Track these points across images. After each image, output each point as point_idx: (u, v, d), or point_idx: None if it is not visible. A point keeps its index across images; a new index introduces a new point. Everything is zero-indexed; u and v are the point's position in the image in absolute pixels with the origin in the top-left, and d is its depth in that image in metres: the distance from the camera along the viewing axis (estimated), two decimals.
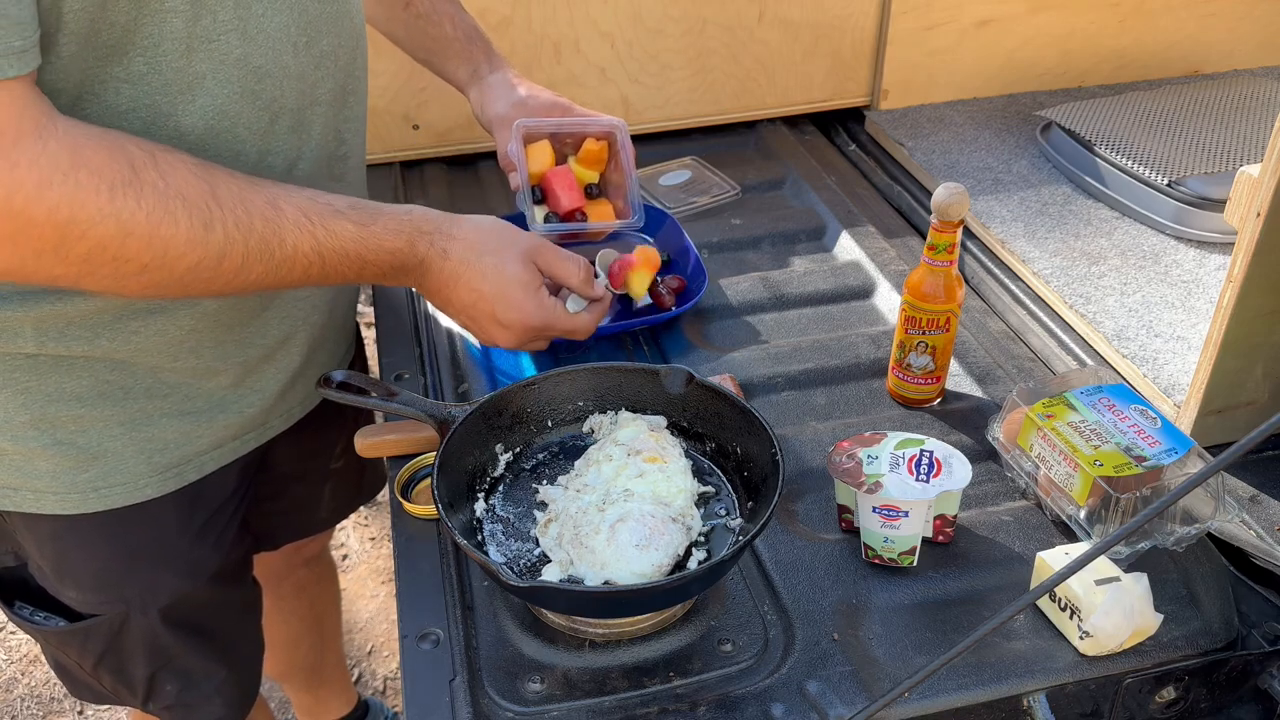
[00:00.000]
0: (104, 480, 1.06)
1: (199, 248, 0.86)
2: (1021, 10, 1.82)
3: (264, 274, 0.91)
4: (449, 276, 1.04)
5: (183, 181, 0.85)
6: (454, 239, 1.04)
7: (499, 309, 1.07)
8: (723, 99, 1.84)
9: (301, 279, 0.95)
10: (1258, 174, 1.02)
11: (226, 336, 1.06)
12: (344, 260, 0.96)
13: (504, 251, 1.06)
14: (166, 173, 0.84)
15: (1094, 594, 0.94)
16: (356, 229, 0.96)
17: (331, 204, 0.96)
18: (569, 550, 0.99)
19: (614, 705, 0.93)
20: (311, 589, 1.71)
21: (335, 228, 0.95)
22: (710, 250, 1.56)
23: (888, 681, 0.94)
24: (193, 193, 0.85)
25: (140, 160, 0.83)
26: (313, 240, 0.93)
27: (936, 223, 1.15)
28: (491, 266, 1.05)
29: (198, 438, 1.10)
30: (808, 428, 1.23)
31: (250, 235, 0.89)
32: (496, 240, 1.07)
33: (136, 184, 0.82)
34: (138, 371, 1.02)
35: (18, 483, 1.05)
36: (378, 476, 1.55)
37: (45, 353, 0.97)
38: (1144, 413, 1.09)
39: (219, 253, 0.87)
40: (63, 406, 1.01)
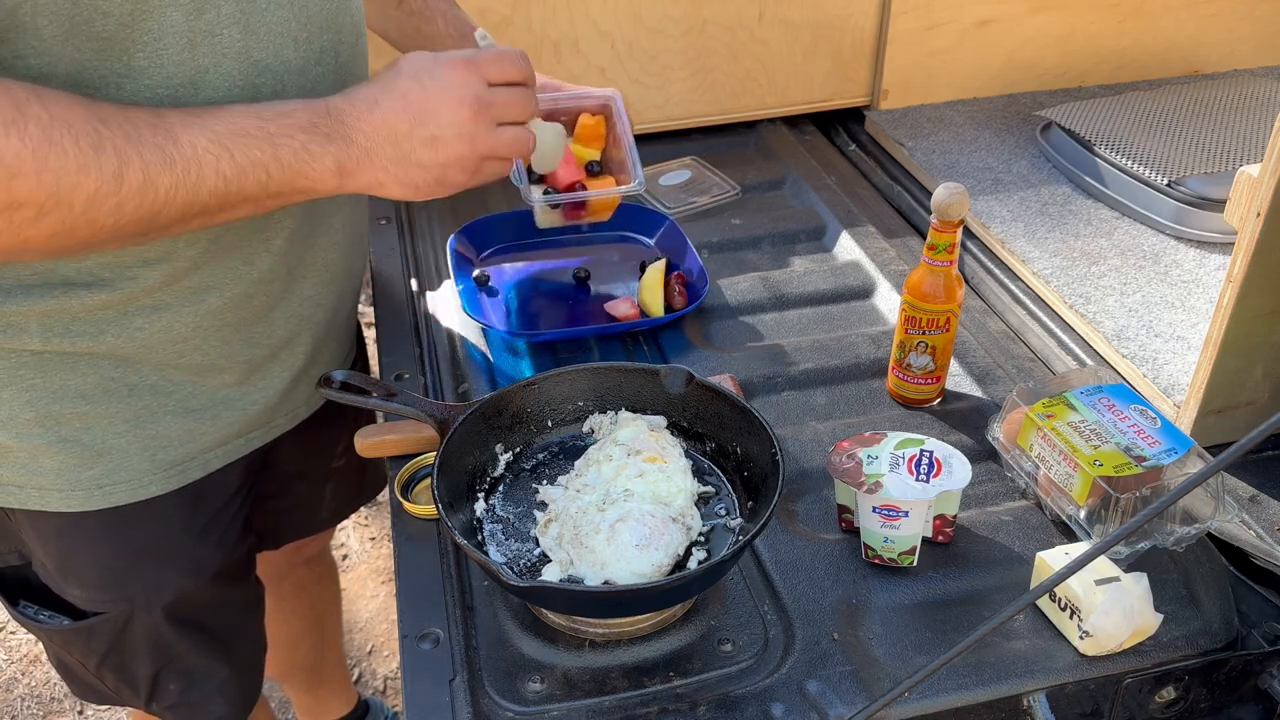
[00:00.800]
0: (108, 478, 1.06)
1: (93, 171, 0.80)
2: (1021, 10, 1.82)
3: (172, 185, 0.85)
4: (366, 101, 0.93)
5: (65, 110, 0.80)
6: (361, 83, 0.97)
7: (439, 91, 0.93)
8: (723, 99, 1.84)
9: (215, 183, 0.87)
10: (1258, 174, 1.02)
11: (232, 335, 1.06)
12: (248, 140, 0.88)
13: (405, 58, 0.97)
14: (50, 105, 0.79)
15: (1094, 594, 0.94)
16: (245, 106, 0.90)
17: (211, 106, 0.91)
18: (569, 550, 0.99)
19: (614, 705, 0.93)
20: (312, 588, 1.71)
21: (222, 113, 0.88)
22: (710, 250, 1.56)
23: (888, 681, 0.94)
24: (76, 118, 0.81)
25: (24, 97, 0.78)
26: (206, 131, 0.86)
27: (936, 223, 1.15)
28: (407, 65, 0.95)
29: (202, 435, 1.10)
30: (808, 428, 1.23)
31: (142, 145, 0.83)
32: (396, 60, 0.98)
33: (20, 121, 0.78)
34: (143, 369, 1.02)
35: (23, 480, 1.05)
36: (378, 476, 1.54)
37: (50, 349, 0.97)
38: (1144, 413, 1.09)
39: (115, 172, 0.82)
40: (68, 404, 1.00)
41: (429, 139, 0.92)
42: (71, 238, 0.83)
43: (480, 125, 0.94)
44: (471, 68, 0.93)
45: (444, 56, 0.94)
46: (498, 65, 0.95)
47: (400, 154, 0.93)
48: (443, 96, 0.92)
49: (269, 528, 1.39)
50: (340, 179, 0.93)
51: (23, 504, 1.06)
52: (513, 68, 0.96)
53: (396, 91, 0.92)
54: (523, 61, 0.97)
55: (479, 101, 0.93)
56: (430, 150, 0.93)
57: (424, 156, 0.93)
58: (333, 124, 0.91)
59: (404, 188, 0.95)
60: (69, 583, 1.14)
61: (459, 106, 0.92)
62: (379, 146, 0.92)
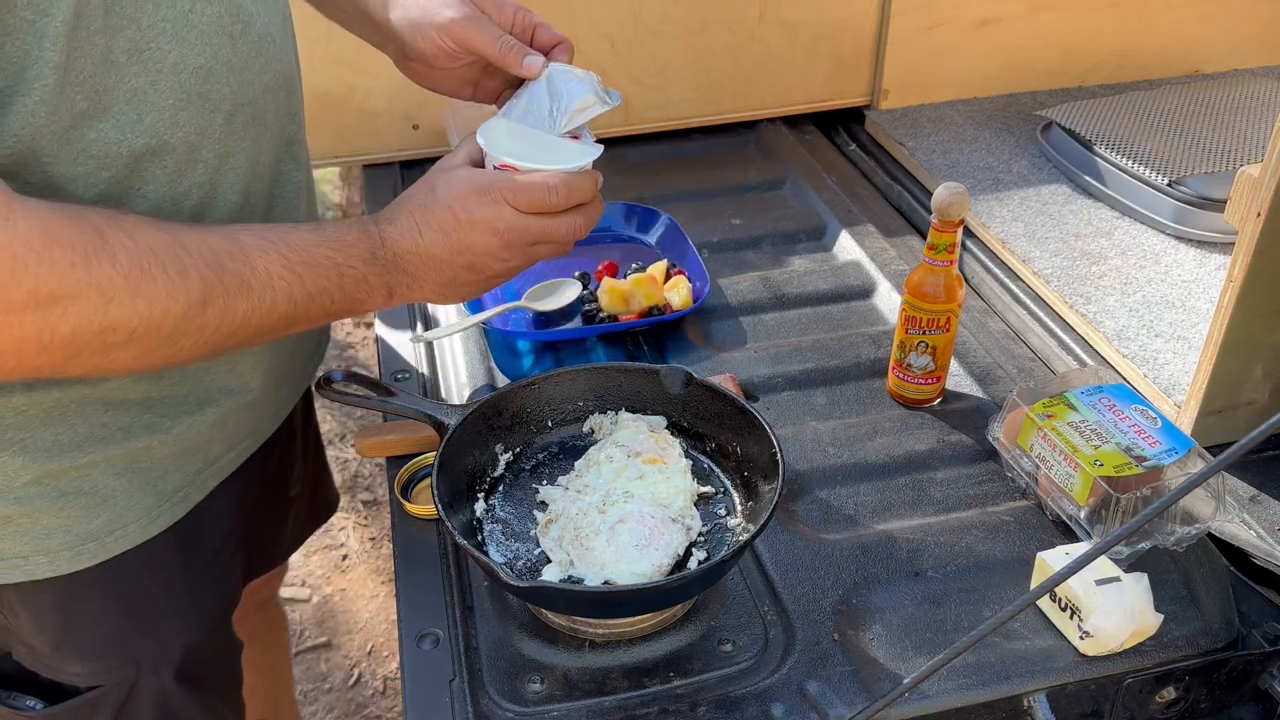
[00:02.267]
0: (117, 522, 1.02)
1: (181, 298, 0.82)
2: (1022, 10, 1.82)
3: (249, 311, 0.87)
4: (411, 232, 0.96)
5: (149, 237, 0.82)
6: (393, 206, 0.99)
7: (471, 225, 0.95)
8: (723, 99, 1.84)
9: (286, 310, 0.90)
10: (1258, 174, 1.02)
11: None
12: (317, 270, 0.91)
13: (439, 176, 0.98)
14: (132, 232, 0.81)
15: (1094, 594, 0.94)
16: (313, 233, 0.93)
17: (279, 225, 0.93)
18: (569, 551, 0.99)
19: (614, 705, 0.93)
20: (264, 637, 1.66)
21: (294, 240, 0.91)
22: (710, 250, 1.56)
23: (888, 681, 0.94)
24: (160, 245, 0.82)
25: (104, 225, 0.80)
26: (281, 259, 0.89)
27: (937, 223, 1.15)
28: (442, 194, 0.96)
29: (196, 456, 1.07)
30: (808, 428, 1.23)
31: (223, 272, 0.85)
32: (430, 178, 0.99)
33: (108, 249, 0.79)
34: (131, 408, 0.99)
35: (27, 549, 1.00)
36: (330, 499, 1.53)
37: (35, 405, 0.94)
38: (1144, 413, 1.09)
39: (200, 297, 0.84)
40: (64, 458, 0.97)
41: (468, 265, 0.97)
42: (153, 358, 0.85)
43: (513, 251, 0.97)
44: (501, 201, 0.95)
45: (480, 182, 0.96)
46: (529, 197, 0.95)
47: (444, 279, 0.97)
48: (475, 229, 0.95)
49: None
50: (389, 300, 0.98)
51: (30, 575, 1.01)
52: (548, 200, 0.96)
53: (435, 223, 0.95)
54: (560, 193, 0.95)
55: (510, 233, 0.96)
56: (470, 273, 0.98)
57: (464, 277, 0.98)
58: (388, 255, 0.95)
59: (448, 299, 1.01)
60: (66, 659, 1.08)
61: (491, 236, 0.95)
62: (425, 273, 0.97)
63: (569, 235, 0.99)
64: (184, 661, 1.13)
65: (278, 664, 1.77)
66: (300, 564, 2.54)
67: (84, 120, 0.84)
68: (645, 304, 1.37)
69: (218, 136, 0.94)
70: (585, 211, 0.99)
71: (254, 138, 0.99)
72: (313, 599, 2.48)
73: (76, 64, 0.81)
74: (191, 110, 0.91)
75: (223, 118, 0.94)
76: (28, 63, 0.78)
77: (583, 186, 0.97)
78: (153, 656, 1.11)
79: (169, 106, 0.89)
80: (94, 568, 1.03)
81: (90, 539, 1.01)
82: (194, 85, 0.90)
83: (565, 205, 0.96)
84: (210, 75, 0.92)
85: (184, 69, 0.89)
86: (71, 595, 1.04)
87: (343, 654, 2.37)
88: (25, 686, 1.11)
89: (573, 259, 1.51)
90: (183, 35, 0.89)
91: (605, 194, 1.69)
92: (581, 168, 0.97)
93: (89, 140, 0.85)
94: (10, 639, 1.09)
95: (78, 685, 1.10)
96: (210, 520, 1.12)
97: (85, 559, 1.02)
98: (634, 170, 1.78)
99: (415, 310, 1.45)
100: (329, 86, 1.66)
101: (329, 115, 1.68)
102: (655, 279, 1.39)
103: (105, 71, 0.84)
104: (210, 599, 1.17)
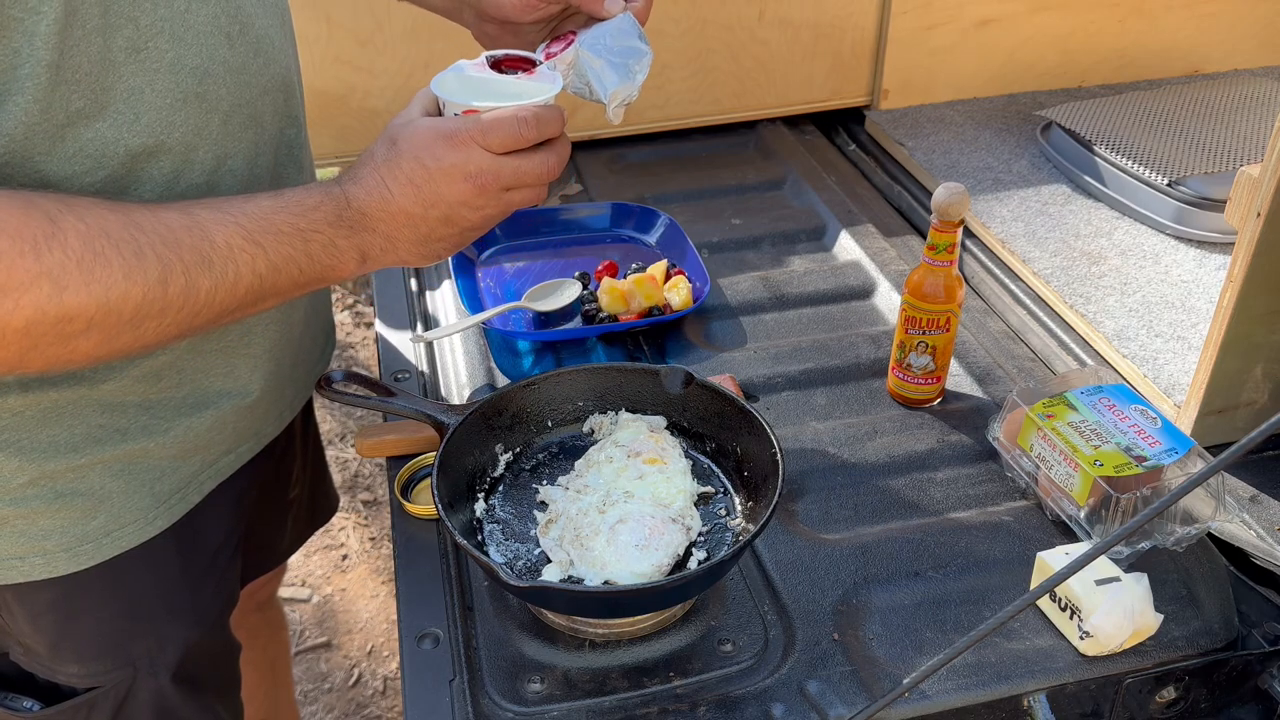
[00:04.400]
0: (114, 523, 1.02)
1: (138, 279, 0.80)
2: (1021, 10, 1.82)
3: (213, 287, 0.84)
4: (378, 188, 0.92)
5: (100, 218, 0.79)
6: (356, 165, 0.95)
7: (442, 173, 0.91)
8: (723, 99, 1.84)
9: (251, 281, 0.86)
10: (1258, 174, 1.02)
11: (214, 359, 1.03)
12: (280, 238, 0.87)
13: (399, 130, 0.95)
14: (83, 214, 0.78)
15: (1094, 594, 0.94)
16: (272, 200, 0.89)
17: (237, 197, 0.90)
18: (569, 551, 0.99)
19: (614, 705, 0.93)
20: (264, 635, 1.66)
21: (251, 209, 0.87)
22: (710, 250, 1.56)
23: (888, 681, 0.94)
24: (113, 226, 0.79)
25: (55, 210, 0.77)
26: (240, 229, 0.86)
27: (936, 223, 1.15)
28: (406, 146, 0.93)
29: (195, 458, 1.07)
30: (808, 428, 1.23)
31: (180, 248, 0.82)
32: (389, 133, 0.95)
33: (59, 234, 0.76)
34: (129, 410, 0.99)
35: (24, 550, 0.99)
36: (329, 501, 1.52)
37: (31, 406, 0.93)
38: (1144, 413, 1.09)
39: (159, 277, 0.81)
40: (60, 459, 0.96)
41: (442, 218, 0.93)
42: (117, 344, 0.82)
43: (488, 197, 0.93)
44: (470, 143, 0.91)
45: (445, 127, 0.92)
46: (500, 133, 0.91)
47: (419, 235, 0.94)
48: (446, 176, 0.91)
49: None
50: (363, 265, 0.94)
51: (27, 575, 1.00)
52: (519, 134, 0.92)
53: (403, 176, 0.92)
54: (531, 125, 0.92)
55: (484, 176, 0.92)
56: (445, 225, 0.94)
57: (440, 231, 0.94)
58: (355, 215, 0.92)
59: (425, 259, 0.97)
60: (63, 659, 1.08)
61: (463, 183, 0.92)
62: (399, 231, 0.93)
63: (542, 174, 0.94)
64: (181, 662, 1.13)
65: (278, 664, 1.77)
66: (300, 564, 2.54)
67: (80, 119, 0.83)
68: (645, 304, 1.37)
69: (215, 137, 0.94)
70: (555, 148, 0.95)
71: (252, 139, 0.98)
72: (313, 599, 2.48)
73: (71, 62, 0.80)
74: (188, 110, 0.90)
75: (220, 118, 0.94)
76: (19, 61, 0.78)
77: (551, 119, 0.93)
78: (150, 657, 1.11)
79: (166, 106, 0.88)
80: (91, 569, 1.02)
81: (87, 540, 1.01)
82: (191, 85, 0.90)
83: (537, 139, 0.93)
84: (207, 75, 0.91)
85: (181, 68, 0.89)
86: (68, 596, 1.04)
87: (343, 654, 2.37)
88: (22, 687, 1.10)
89: (573, 259, 1.52)
90: (180, 35, 0.88)
91: (605, 194, 1.71)
92: (545, 102, 0.94)
93: (85, 139, 0.84)
94: (7, 639, 1.08)
95: (75, 686, 1.09)
96: (208, 521, 1.12)
97: (82, 560, 1.01)
98: (634, 170, 1.78)
99: (415, 310, 1.45)
100: (329, 86, 1.66)
101: (329, 115, 1.68)
102: (655, 279, 1.39)
103: (103, 70, 0.83)
104: (208, 600, 1.16)
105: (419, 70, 1.68)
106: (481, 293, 1.46)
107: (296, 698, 2.03)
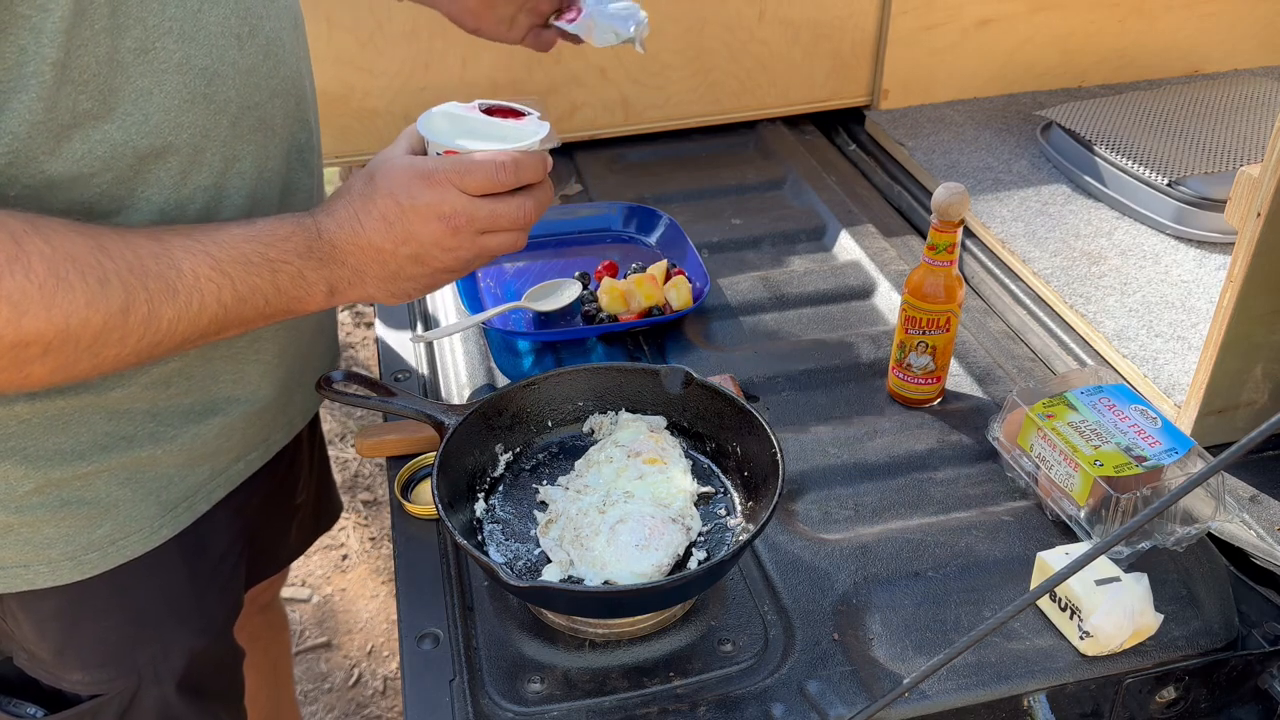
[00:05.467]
0: (120, 531, 1.01)
1: (100, 306, 0.78)
2: (1021, 10, 1.82)
3: (175, 317, 0.83)
4: (350, 222, 0.92)
5: (67, 242, 0.78)
6: (331, 198, 0.95)
7: (415, 212, 0.91)
8: (723, 99, 1.84)
9: (216, 312, 0.85)
10: (1258, 174, 1.02)
11: (222, 366, 1.03)
12: (248, 268, 0.87)
13: (379, 166, 0.95)
14: (50, 237, 0.77)
15: (1094, 594, 0.94)
16: (243, 229, 0.89)
17: (209, 224, 0.90)
18: (569, 551, 0.99)
19: (614, 705, 0.93)
20: (266, 637, 1.65)
21: (222, 237, 0.87)
22: (710, 250, 1.56)
23: (888, 681, 0.94)
24: (80, 251, 0.78)
25: (21, 231, 0.76)
26: (208, 259, 0.85)
27: (936, 223, 1.15)
28: (383, 182, 0.92)
29: (202, 468, 1.06)
30: (808, 428, 1.23)
31: (146, 276, 0.81)
32: (369, 169, 0.95)
33: (23, 257, 0.75)
34: (136, 417, 0.98)
35: (28, 558, 0.99)
36: (334, 507, 1.52)
37: (38, 413, 0.93)
38: (1144, 413, 1.09)
39: (122, 306, 0.80)
40: (66, 467, 0.96)
41: (413, 256, 0.92)
42: (74, 370, 0.82)
43: (462, 239, 0.93)
44: (447, 185, 0.91)
45: (424, 166, 0.92)
46: (478, 176, 0.91)
47: (388, 272, 0.93)
48: (419, 215, 0.91)
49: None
50: (330, 298, 0.93)
51: (31, 584, 1.00)
52: (496, 178, 0.91)
53: (376, 212, 0.91)
54: (509, 170, 0.91)
55: (458, 217, 0.91)
56: (415, 265, 0.93)
57: (410, 270, 0.94)
58: (325, 248, 0.91)
59: (394, 297, 0.96)
60: (68, 667, 1.08)
61: (436, 223, 0.91)
62: (367, 266, 0.93)
63: (519, 219, 0.94)
64: (186, 671, 1.12)
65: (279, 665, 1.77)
66: (300, 564, 2.54)
67: (87, 119, 0.83)
68: (645, 304, 1.37)
69: (223, 139, 0.93)
70: (534, 194, 0.95)
71: (261, 142, 0.98)
72: (313, 599, 2.48)
73: (78, 62, 0.80)
74: (197, 111, 0.90)
75: (229, 120, 0.93)
76: (24, 58, 0.77)
77: (531, 164, 0.93)
78: (154, 665, 1.10)
79: (174, 107, 0.88)
80: (96, 577, 1.02)
81: (92, 549, 1.00)
82: (199, 86, 0.89)
83: (514, 183, 0.93)
84: (216, 76, 0.91)
85: (190, 69, 0.88)
86: (73, 604, 1.03)
87: (343, 654, 2.37)
88: (27, 693, 1.10)
89: (573, 259, 1.52)
90: (190, 35, 0.88)
91: (605, 194, 1.71)
92: (529, 147, 0.94)
93: (93, 140, 0.84)
94: (12, 645, 1.08)
95: (79, 693, 1.09)
96: (215, 529, 1.12)
97: (87, 569, 1.01)
98: (634, 170, 1.78)
99: (415, 310, 1.45)
100: (329, 86, 1.66)
101: (329, 115, 1.68)
102: (655, 279, 1.39)
103: (111, 71, 0.83)
104: (213, 608, 1.16)
105: (419, 70, 1.68)
106: (481, 293, 1.46)
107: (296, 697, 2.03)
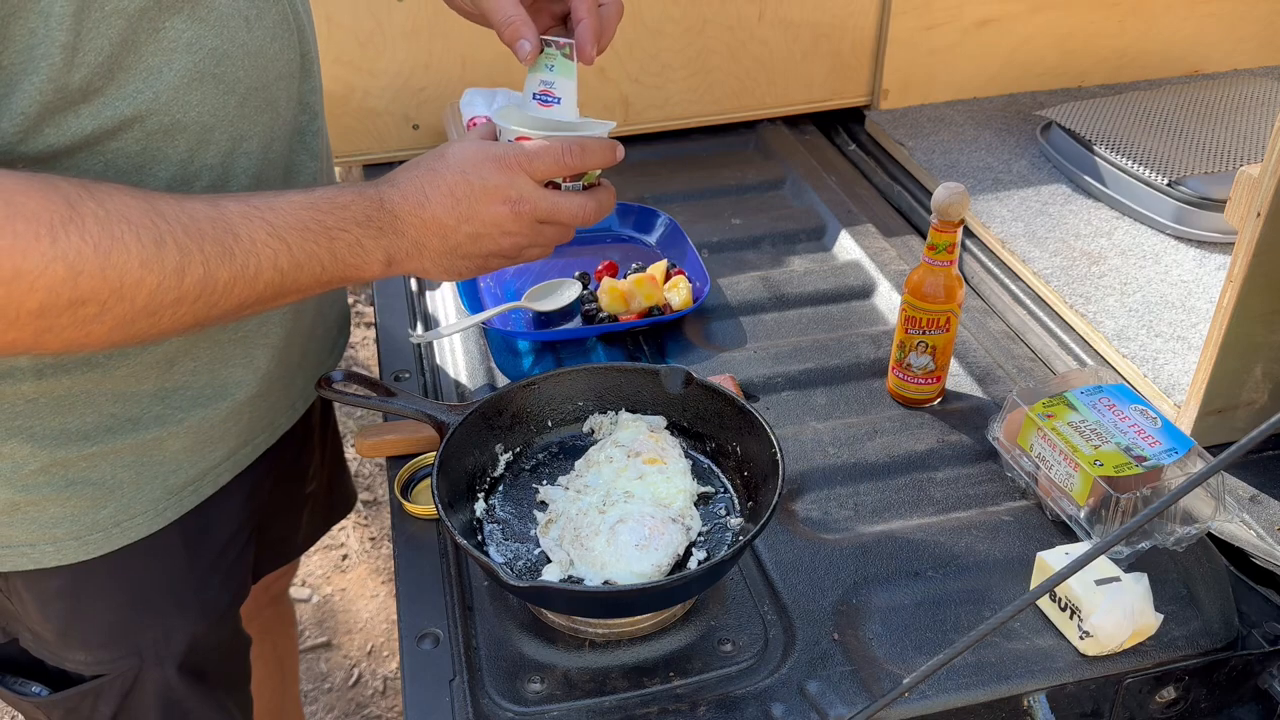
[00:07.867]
0: (124, 513, 1.02)
1: (155, 267, 0.80)
2: (1021, 10, 1.82)
3: (231, 280, 0.84)
4: (416, 194, 0.94)
5: (122, 205, 0.79)
6: (398, 171, 0.97)
7: (485, 191, 0.94)
8: (723, 99, 1.84)
9: (272, 277, 0.87)
10: (1258, 174, 1.02)
11: (232, 349, 1.04)
12: (305, 234, 0.88)
13: (452, 146, 0.97)
14: (104, 200, 0.78)
15: (1094, 594, 0.94)
16: (302, 196, 0.90)
17: (267, 192, 0.91)
18: (569, 551, 0.99)
19: (614, 705, 0.93)
20: (275, 630, 1.66)
21: (279, 203, 0.88)
22: (710, 250, 1.56)
23: (888, 681, 0.94)
24: (134, 213, 0.79)
25: (75, 194, 0.77)
26: (264, 224, 0.86)
27: (936, 223, 1.15)
28: (455, 159, 0.95)
29: (210, 452, 1.07)
30: (808, 428, 1.23)
31: (203, 239, 0.82)
32: (442, 148, 0.98)
33: (77, 219, 0.76)
34: (143, 400, 0.99)
35: (33, 537, 1.00)
36: (347, 496, 1.52)
37: (45, 393, 0.94)
38: (1144, 413, 1.09)
39: (177, 267, 0.81)
40: (72, 447, 0.97)
41: (472, 235, 0.95)
42: (131, 331, 0.82)
43: (522, 224, 0.96)
44: (518, 170, 0.94)
45: (495, 149, 0.95)
46: (546, 160, 0.95)
47: (447, 247, 0.95)
48: (487, 195, 0.94)
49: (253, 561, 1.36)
50: (388, 268, 0.95)
51: (37, 563, 1.01)
52: (564, 161, 0.95)
53: (444, 187, 0.94)
54: (576, 153, 0.95)
55: (522, 203, 0.95)
56: (473, 243, 0.96)
57: (467, 248, 0.96)
58: (386, 218, 0.93)
59: (448, 274, 0.99)
60: (71, 646, 1.09)
61: (500, 205, 0.94)
62: (427, 240, 0.94)
63: (578, 215, 0.97)
64: (187, 654, 1.13)
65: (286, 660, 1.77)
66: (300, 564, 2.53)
67: (96, 98, 0.84)
68: (645, 304, 1.38)
69: (231, 119, 0.94)
70: (597, 195, 0.99)
71: (267, 123, 0.99)
72: (313, 599, 2.48)
73: (88, 43, 0.81)
74: (205, 90, 0.91)
75: (236, 100, 0.94)
76: (34, 41, 0.78)
77: (596, 149, 0.96)
78: (156, 648, 1.11)
79: (183, 85, 0.89)
80: (99, 557, 1.03)
81: (97, 529, 1.01)
82: (209, 66, 0.90)
83: (580, 167, 0.96)
84: (225, 57, 0.92)
85: (199, 49, 0.89)
86: (77, 584, 1.04)
87: (343, 654, 2.37)
88: (31, 672, 1.11)
89: (573, 259, 1.52)
90: (200, 16, 0.89)
91: None
92: (596, 135, 0.97)
93: (104, 118, 0.85)
94: (16, 625, 1.09)
95: (82, 673, 1.10)
96: (220, 513, 1.13)
97: (91, 549, 1.02)
98: (634, 170, 1.78)
99: (415, 310, 1.45)
100: (329, 86, 1.66)
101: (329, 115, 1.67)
102: (655, 279, 1.39)
103: (121, 50, 0.83)
104: (217, 592, 1.17)
105: (419, 70, 1.68)
106: (481, 292, 1.46)
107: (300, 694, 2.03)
